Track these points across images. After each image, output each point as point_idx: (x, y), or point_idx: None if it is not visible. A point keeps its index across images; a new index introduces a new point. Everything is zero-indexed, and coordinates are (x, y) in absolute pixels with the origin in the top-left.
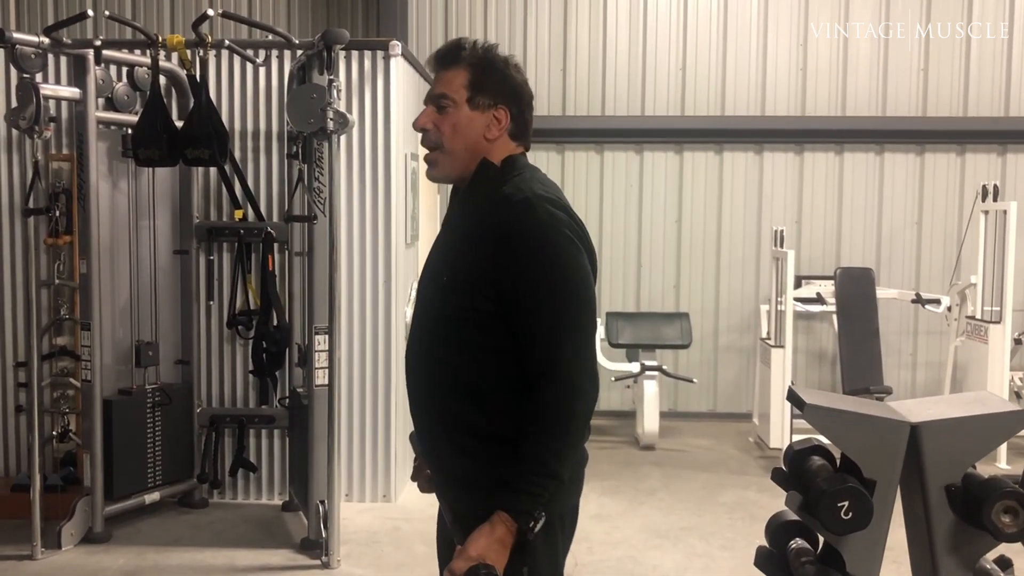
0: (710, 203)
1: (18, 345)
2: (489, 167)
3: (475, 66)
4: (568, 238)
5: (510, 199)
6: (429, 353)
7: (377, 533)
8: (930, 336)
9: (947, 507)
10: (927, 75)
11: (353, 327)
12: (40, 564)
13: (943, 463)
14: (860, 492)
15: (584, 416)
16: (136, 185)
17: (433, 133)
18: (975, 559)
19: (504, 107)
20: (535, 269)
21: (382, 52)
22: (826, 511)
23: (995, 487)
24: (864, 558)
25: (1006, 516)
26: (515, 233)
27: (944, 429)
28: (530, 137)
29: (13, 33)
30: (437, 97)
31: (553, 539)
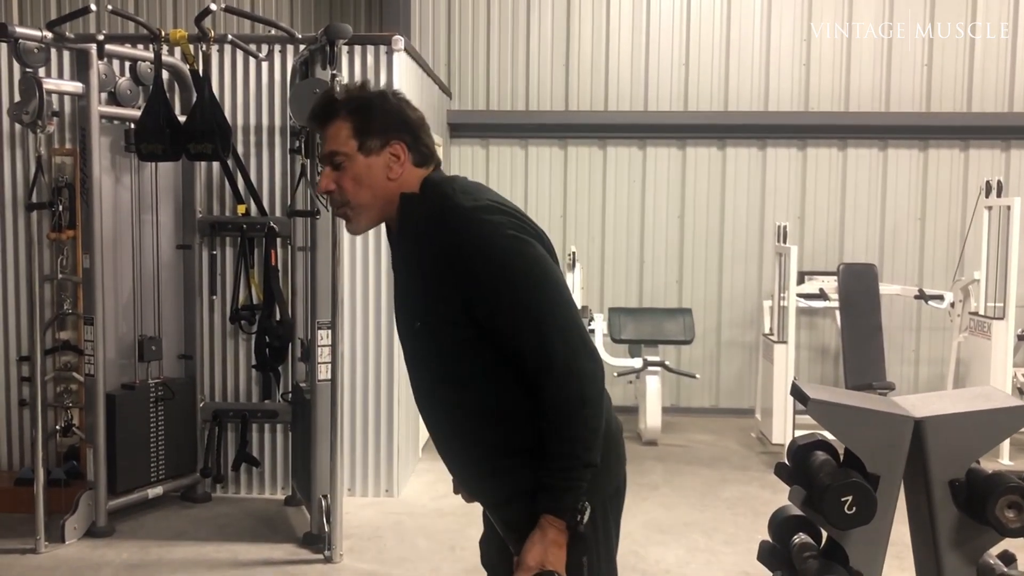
0: (713, 199)
1: (21, 340)
2: (411, 199)
3: (354, 113)
4: (511, 237)
5: (444, 225)
6: (432, 393)
7: (380, 528)
8: (933, 332)
9: (951, 502)
10: (931, 70)
11: (356, 322)
12: (44, 557)
13: (947, 458)
14: (864, 487)
15: (595, 397)
16: (139, 180)
17: (337, 193)
18: (979, 554)
19: (397, 141)
20: (494, 281)
21: (385, 47)
22: (830, 506)
23: (999, 482)
24: (867, 553)
25: (1010, 511)
26: (462, 256)
27: (948, 424)
28: (436, 156)
29: (16, 28)
30: (329, 156)
31: (603, 523)
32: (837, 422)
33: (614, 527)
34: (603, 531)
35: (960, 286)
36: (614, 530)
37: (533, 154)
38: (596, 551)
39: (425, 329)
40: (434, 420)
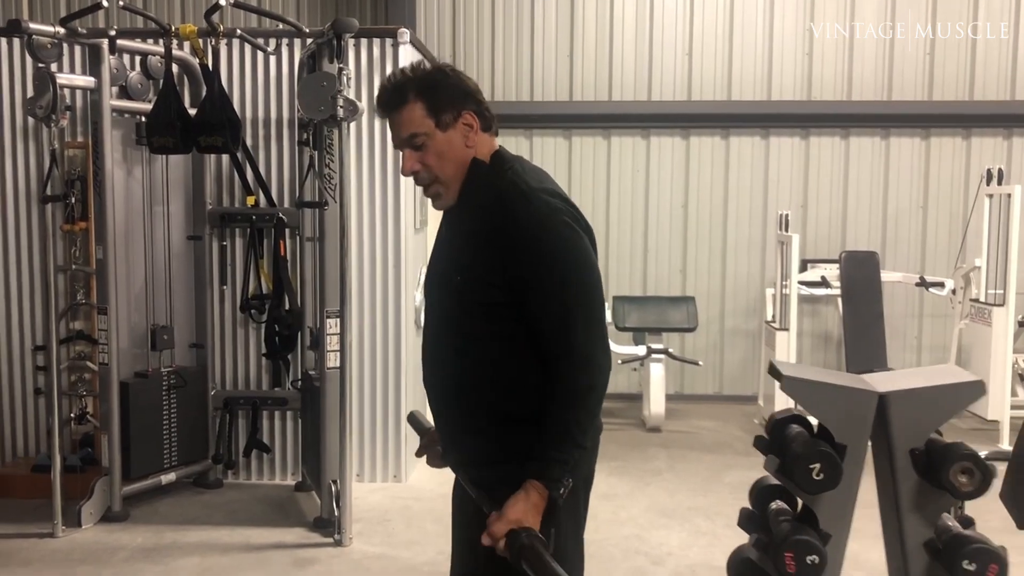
0: (716, 188)
1: (36, 329)
2: (480, 165)
3: (423, 93)
4: (566, 224)
5: (507, 195)
6: (446, 347)
7: (388, 512)
8: (935, 319)
9: (911, 469)
10: (933, 59)
11: (364, 311)
12: (61, 541)
13: (908, 429)
14: (830, 455)
15: (600, 387)
16: (150, 172)
17: (424, 171)
18: (937, 516)
19: (467, 110)
20: (540, 260)
21: (391, 40)
22: (799, 473)
23: (954, 451)
24: (836, 516)
25: (963, 476)
26: (517, 227)
27: (908, 398)
28: (496, 121)
29: (29, 23)
30: (409, 139)
31: (575, 501)
32: (808, 397)
33: (583, 508)
34: (572, 509)
35: (961, 273)
36: (583, 510)
37: (538, 144)
38: (564, 525)
39: (461, 283)
40: (438, 372)
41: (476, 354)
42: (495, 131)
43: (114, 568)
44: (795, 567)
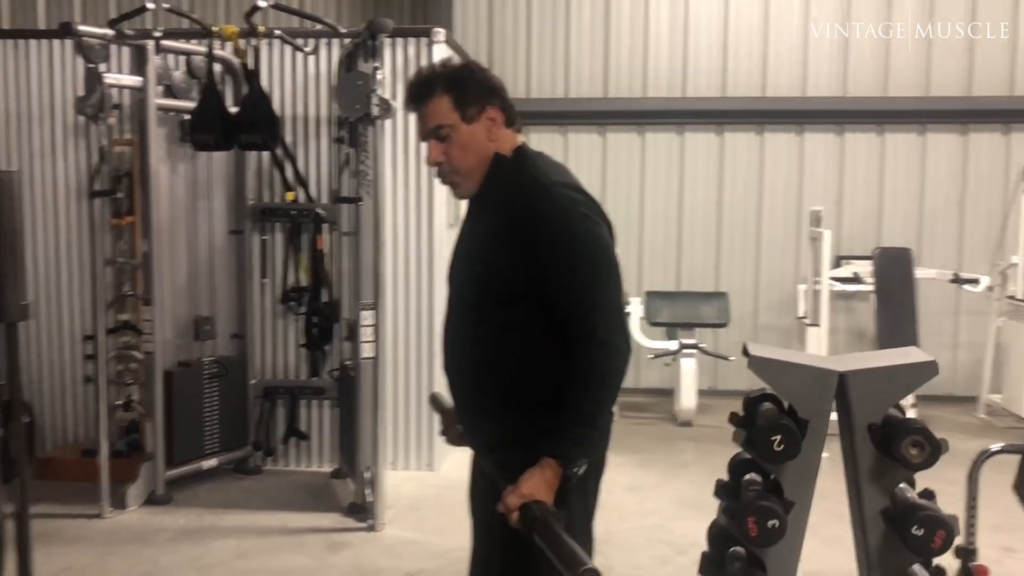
0: (750, 184)
1: (85, 320)
2: (503, 161)
3: (450, 87)
4: (584, 216)
5: (528, 189)
6: (467, 333)
7: (420, 499)
8: (972, 316)
9: (869, 442)
10: (972, 54)
11: (398, 303)
12: (108, 522)
13: (866, 405)
14: (790, 428)
15: (619, 371)
16: (193, 168)
17: (446, 163)
18: (892, 486)
19: (492, 105)
20: (560, 250)
21: (426, 39)
22: (761, 444)
23: (906, 425)
24: (799, 485)
25: (914, 449)
26: (537, 220)
27: (866, 377)
28: (519, 117)
29: (79, 26)
30: (435, 130)
31: (585, 484)
32: (772, 375)
33: (593, 491)
34: (583, 491)
35: (998, 270)
36: (593, 493)
37: (572, 140)
38: (574, 507)
39: (482, 273)
40: (458, 358)
41: (494, 341)
42: (518, 127)
43: (157, 548)
44: (756, 531)
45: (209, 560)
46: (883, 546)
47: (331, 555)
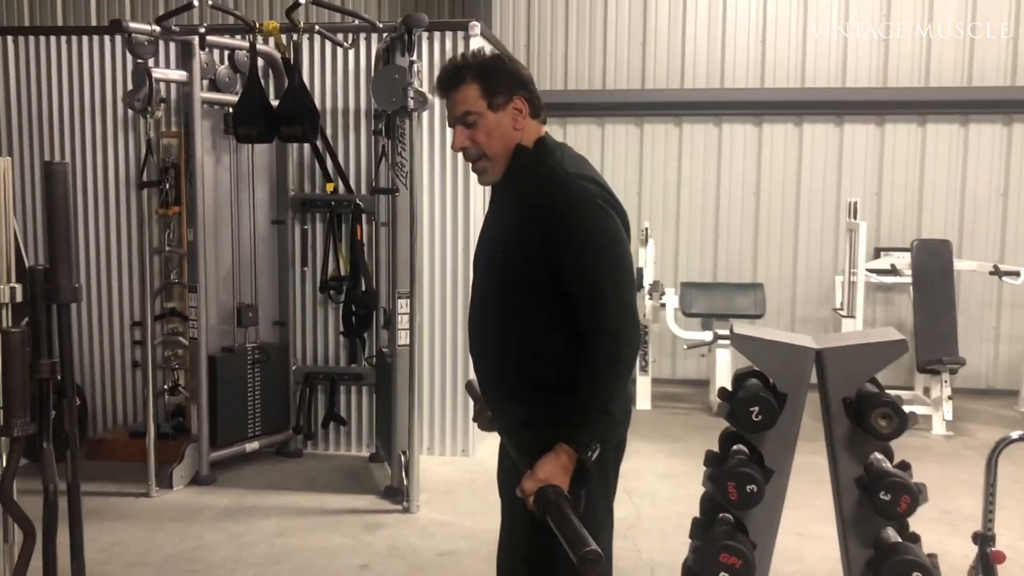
0: (789, 175)
1: (133, 306)
2: (524, 152)
3: (480, 76)
4: (600, 207)
5: (548, 180)
6: (490, 319)
7: (455, 483)
8: (1015, 309)
9: (843, 415)
10: (1016, 43)
11: (434, 292)
12: (155, 501)
13: (840, 381)
14: (767, 399)
15: (629, 359)
16: (237, 160)
17: (472, 148)
18: (865, 455)
19: (519, 96)
20: (575, 240)
21: (462, 32)
22: (741, 415)
23: (876, 399)
24: (779, 455)
25: (883, 420)
26: (554, 209)
27: (840, 354)
28: (544, 108)
29: (129, 23)
30: (462, 116)
31: (605, 467)
32: (754, 352)
33: (613, 474)
34: (602, 473)
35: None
36: (613, 476)
37: (609, 132)
38: (594, 490)
39: (503, 260)
40: (481, 342)
41: (515, 326)
42: (543, 118)
43: (201, 525)
44: (736, 495)
45: (250, 538)
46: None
47: (367, 535)
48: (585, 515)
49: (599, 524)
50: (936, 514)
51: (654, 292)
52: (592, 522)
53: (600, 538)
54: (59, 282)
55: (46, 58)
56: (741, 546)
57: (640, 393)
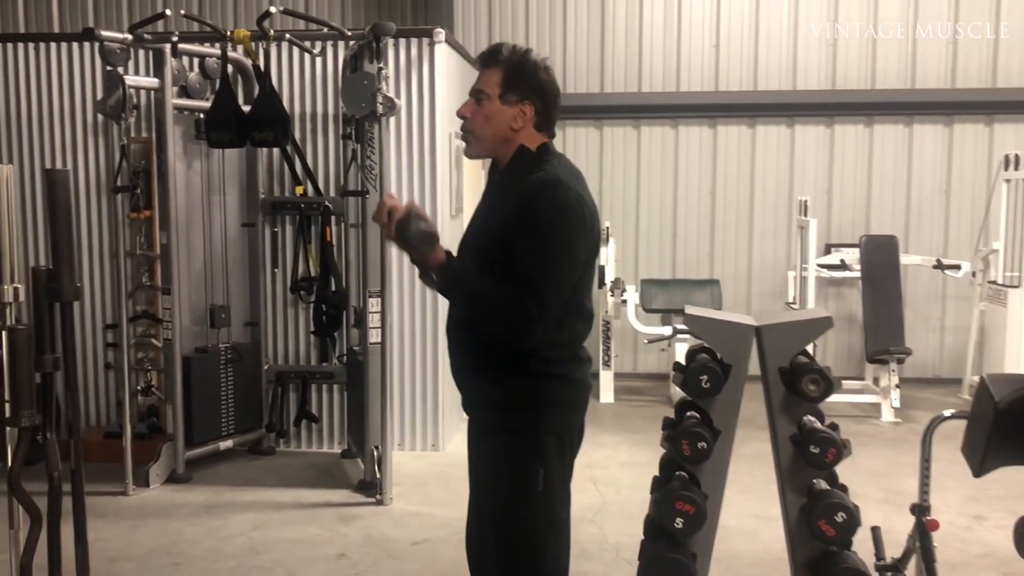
0: (743, 175)
1: (106, 309)
2: (527, 153)
3: (509, 68)
4: (573, 211)
5: (539, 180)
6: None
7: (426, 476)
8: (958, 301)
9: (780, 382)
10: (955, 48)
11: (404, 291)
12: (132, 499)
13: (776, 352)
14: (714, 369)
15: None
16: (208, 164)
17: (469, 121)
18: (799, 416)
19: (530, 103)
20: (536, 232)
21: (427, 39)
22: (692, 382)
23: (806, 367)
24: (724, 417)
25: (812, 385)
26: (534, 205)
27: (776, 330)
28: (555, 128)
29: (102, 32)
30: (476, 91)
31: (562, 449)
32: (703, 330)
33: (570, 457)
34: (559, 456)
35: (980, 256)
36: (570, 460)
37: (570, 134)
38: (553, 469)
39: (485, 246)
40: (454, 322)
41: None
42: (551, 134)
43: (180, 521)
44: (689, 451)
45: (229, 532)
46: (792, 465)
47: (342, 526)
48: (543, 491)
49: (557, 499)
50: (883, 495)
51: (615, 289)
52: (550, 496)
53: (559, 510)
54: (62, 282)
55: (14, 65)
56: (694, 495)
57: (603, 387)
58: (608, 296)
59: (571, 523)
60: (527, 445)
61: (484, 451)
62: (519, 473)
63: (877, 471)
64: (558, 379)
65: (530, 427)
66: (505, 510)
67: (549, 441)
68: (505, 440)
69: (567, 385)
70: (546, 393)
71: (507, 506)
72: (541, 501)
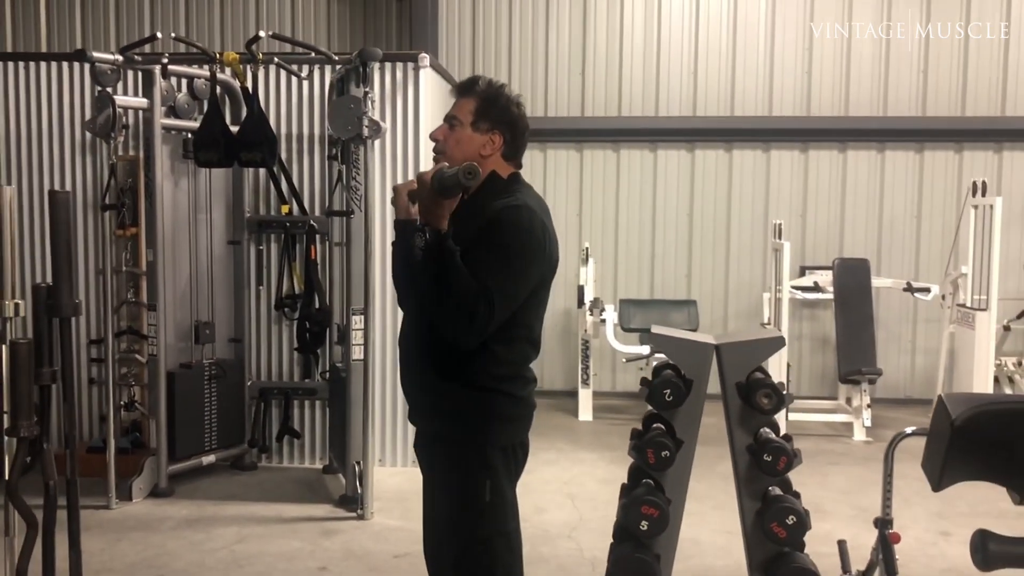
0: (720, 198)
1: (90, 325)
2: (498, 179)
3: (484, 98)
4: (530, 235)
5: (507, 203)
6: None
7: (406, 492)
8: (929, 323)
9: (737, 396)
10: (927, 76)
11: (386, 309)
12: (115, 513)
13: (734, 369)
14: (677, 384)
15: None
16: (195, 183)
17: (441, 143)
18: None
19: (500, 133)
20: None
21: (412, 64)
22: (656, 396)
23: (760, 382)
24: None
25: (765, 399)
26: (498, 222)
27: (734, 348)
28: (521, 159)
29: (93, 53)
30: (450, 117)
31: (508, 462)
32: (667, 347)
33: (515, 471)
34: (505, 468)
35: (950, 280)
36: (515, 473)
37: (551, 157)
38: (500, 480)
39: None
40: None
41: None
42: (517, 164)
43: (163, 535)
44: (653, 459)
45: (211, 545)
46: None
47: (324, 540)
48: (491, 502)
49: (506, 509)
50: (853, 512)
51: (594, 308)
52: (499, 506)
53: (509, 520)
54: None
55: (3, 83)
56: (659, 500)
57: (581, 405)
58: (587, 315)
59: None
60: (473, 456)
61: (433, 462)
62: (467, 483)
63: (847, 488)
64: (504, 395)
65: (477, 439)
66: (456, 519)
67: (495, 454)
68: (453, 451)
69: (512, 402)
70: (492, 407)
71: (457, 515)
72: (489, 511)
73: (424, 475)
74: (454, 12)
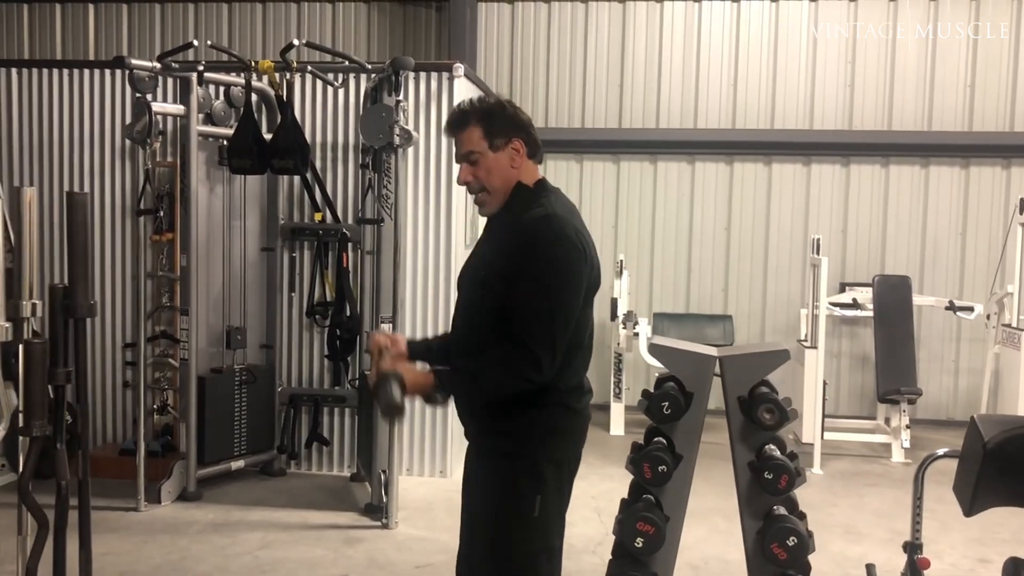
0: (759, 212)
1: (126, 329)
2: (524, 189)
3: (482, 119)
4: (569, 249)
5: (536, 215)
6: (464, 328)
7: (432, 502)
8: (973, 343)
9: (739, 411)
10: (973, 90)
11: (416, 317)
12: (143, 515)
13: (736, 382)
14: (676, 396)
15: (522, 379)
16: (230, 190)
17: (474, 182)
18: (758, 445)
19: (517, 138)
20: (534, 267)
21: (447, 74)
22: (654, 408)
23: (763, 397)
24: (686, 443)
25: (767, 414)
26: (529, 238)
27: (736, 361)
28: (541, 150)
29: (131, 60)
30: (466, 155)
31: (560, 477)
32: (667, 358)
33: (567, 485)
34: (556, 483)
35: (995, 299)
36: (567, 487)
37: (588, 169)
38: (550, 495)
39: (483, 279)
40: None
41: (486, 340)
42: (540, 159)
43: (189, 538)
44: (650, 474)
45: (236, 550)
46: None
47: (347, 548)
48: (539, 517)
49: (552, 525)
50: (887, 535)
51: (627, 322)
52: (546, 522)
53: (554, 537)
54: (77, 299)
55: (47, 90)
56: (655, 517)
57: (613, 419)
58: (620, 328)
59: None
60: (525, 471)
61: (482, 476)
62: (516, 498)
63: (882, 511)
64: (560, 408)
65: (529, 453)
66: (501, 534)
67: (547, 468)
68: (504, 465)
69: (568, 414)
70: (547, 421)
71: (503, 530)
72: (537, 526)
73: (468, 487)
74: (493, 23)
